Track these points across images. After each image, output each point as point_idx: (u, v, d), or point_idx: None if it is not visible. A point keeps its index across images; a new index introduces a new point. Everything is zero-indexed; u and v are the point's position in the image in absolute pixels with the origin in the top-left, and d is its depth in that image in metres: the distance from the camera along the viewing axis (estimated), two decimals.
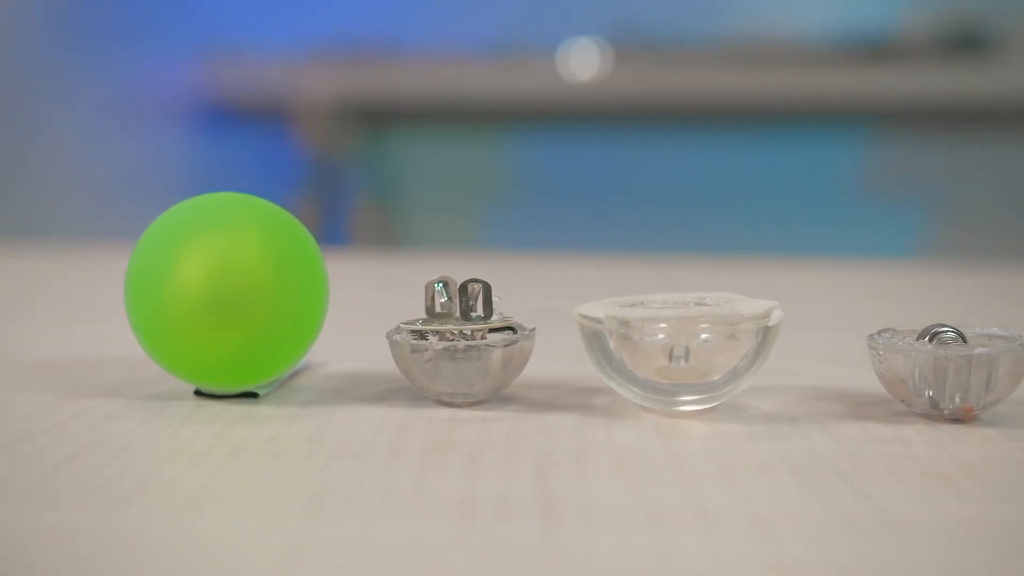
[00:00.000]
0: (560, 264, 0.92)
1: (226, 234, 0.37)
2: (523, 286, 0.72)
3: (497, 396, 0.40)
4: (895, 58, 1.74)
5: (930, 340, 0.37)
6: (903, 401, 0.37)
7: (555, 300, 0.51)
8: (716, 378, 0.37)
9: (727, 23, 1.86)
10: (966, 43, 1.74)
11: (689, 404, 0.38)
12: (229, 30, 1.94)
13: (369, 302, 0.66)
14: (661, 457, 0.33)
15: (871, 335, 0.38)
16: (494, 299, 0.39)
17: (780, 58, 1.75)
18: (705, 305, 0.38)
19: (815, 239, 1.81)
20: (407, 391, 0.40)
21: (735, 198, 1.90)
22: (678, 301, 0.39)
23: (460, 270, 0.41)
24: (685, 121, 1.90)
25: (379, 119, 1.95)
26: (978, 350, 0.36)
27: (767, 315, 0.37)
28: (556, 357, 0.45)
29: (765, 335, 0.37)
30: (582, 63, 1.81)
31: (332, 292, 0.40)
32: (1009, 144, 1.85)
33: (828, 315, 0.63)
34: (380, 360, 0.42)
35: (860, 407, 0.39)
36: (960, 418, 0.37)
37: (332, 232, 1.90)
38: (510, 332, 0.39)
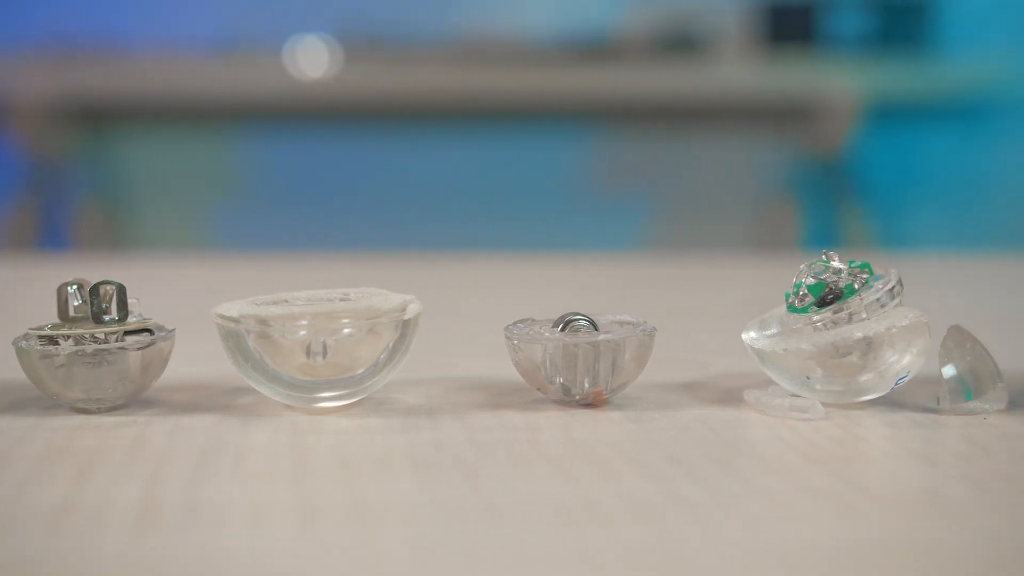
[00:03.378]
0: (284, 264, 0.91)
1: None
2: (235, 287, 0.71)
3: (137, 400, 0.39)
4: (614, 57, 1.80)
5: (564, 328, 0.38)
6: (539, 389, 0.38)
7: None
8: (359, 372, 0.37)
9: (456, 22, 1.88)
10: (680, 43, 1.82)
11: (330, 400, 0.37)
12: None
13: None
14: (286, 455, 0.32)
15: (507, 325, 0.39)
16: (130, 301, 0.38)
17: (507, 57, 1.78)
18: (348, 300, 0.38)
19: (544, 235, 1.85)
20: (42, 400, 0.39)
21: (465, 195, 1.92)
22: (322, 297, 0.39)
23: (180, 272, 0.39)
24: (414, 119, 1.91)
25: (101, 118, 1.87)
26: (603, 336, 0.37)
27: (403, 308, 0.37)
28: (211, 358, 0.44)
29: (404, 328, 0.38)
30: (310, 61, 1.79)
31: (38, 297, 0.38)
32: (722, 140, 1.94)
33: (502, 308, 0.64)
34: (19, 368, 0.40)
35: (500, 396, 0.39)
36: (591, 403, 0.38)
37: (53, 236, 1.81)
38: (147, 334, 0.38)
